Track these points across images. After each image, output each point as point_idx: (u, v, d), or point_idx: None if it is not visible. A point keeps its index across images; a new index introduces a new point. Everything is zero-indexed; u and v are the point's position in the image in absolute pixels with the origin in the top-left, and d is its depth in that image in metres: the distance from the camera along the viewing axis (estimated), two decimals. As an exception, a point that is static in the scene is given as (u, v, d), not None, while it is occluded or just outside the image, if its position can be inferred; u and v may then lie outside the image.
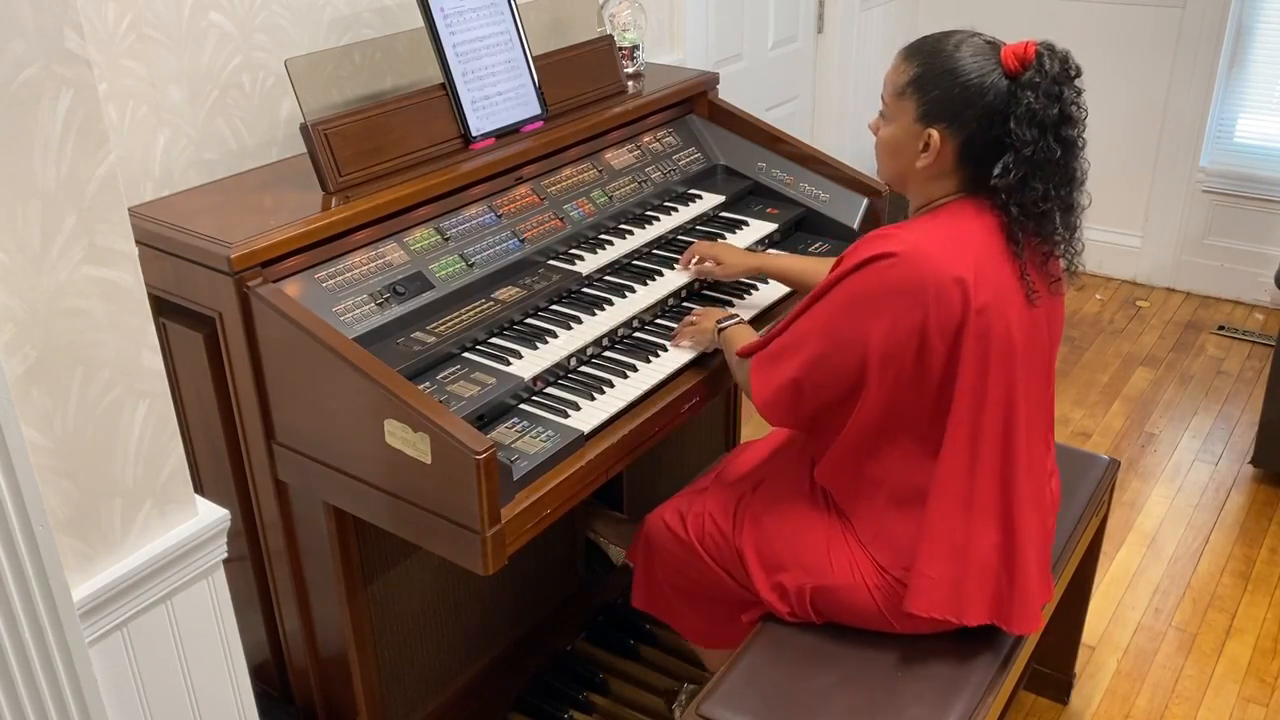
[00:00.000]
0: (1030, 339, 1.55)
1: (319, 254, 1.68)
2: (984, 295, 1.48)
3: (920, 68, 1.53)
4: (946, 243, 1.50)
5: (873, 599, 1.62)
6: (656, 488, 2.48)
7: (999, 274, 1.51)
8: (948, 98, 1.50)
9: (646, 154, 2.27)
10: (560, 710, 2.18)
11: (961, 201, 1.56)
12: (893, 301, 1.47)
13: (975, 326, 1.47)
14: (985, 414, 1.53)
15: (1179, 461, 3.11)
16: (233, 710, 1.51)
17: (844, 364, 1.53)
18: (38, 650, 1.20)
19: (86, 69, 1.15)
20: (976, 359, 1.49)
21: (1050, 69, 1.46)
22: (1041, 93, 1.45)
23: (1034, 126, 1.46)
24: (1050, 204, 1.50)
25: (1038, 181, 1.48)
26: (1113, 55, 3.93)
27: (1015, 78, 1.47)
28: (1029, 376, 1.56)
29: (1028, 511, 1.58)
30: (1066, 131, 1.48)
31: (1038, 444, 1.64)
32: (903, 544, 1.60)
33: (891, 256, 1.47)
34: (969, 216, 1.54)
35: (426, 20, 1.88)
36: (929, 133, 1.52)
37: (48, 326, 1.17)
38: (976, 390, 1.51)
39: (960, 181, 1.56)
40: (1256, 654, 2.43)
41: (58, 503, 1.22)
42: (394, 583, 1.87)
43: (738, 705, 1.58)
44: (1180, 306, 4.02)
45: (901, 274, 1.46)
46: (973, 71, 1.49)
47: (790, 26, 3.60)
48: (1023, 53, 1.48)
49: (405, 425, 1.45)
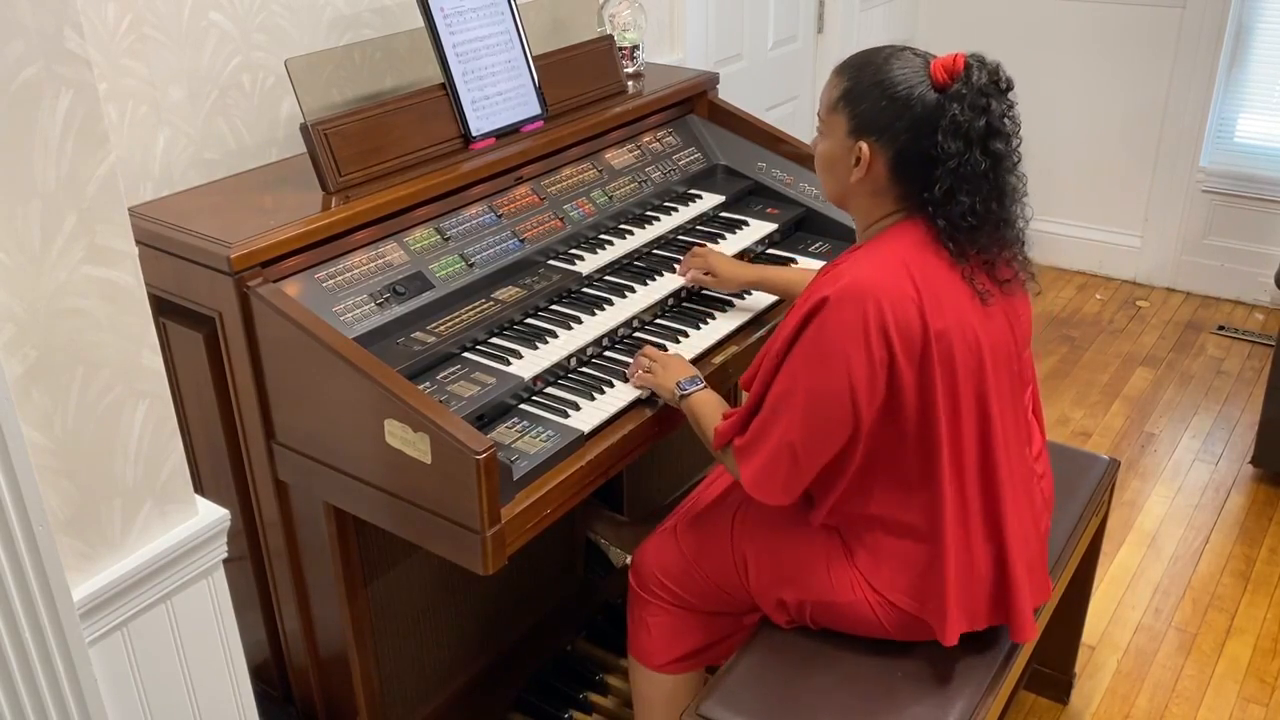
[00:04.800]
0: (994, 346, 1.52)
1: (319, 254, 1.68)
2: (940, 319, 1.45)
3: (850, 81, 1.52)
4: (890, 270, 1.46)
5: (874, 614, 1.61)
6: (656, 488, 2.48)
7: (948, 291, 1.48)
8: (875, 110, 1.48)
9: (646, 154, 2.27)
10: (560, 710, 2.18)
11: (901, 225, 1.53)
12: (853, 341, 1.43)
13: (938, 351, 1.45)
14: (963, 435, 1.51)
15: (1179, 461, 3.11)
16: (233, 710, 1.51)
17: (835, 417, 1.48)
18: (38, 650, 1.20)
19: (86, 69, 1.15)
20: (946, 384, 1.47)
21: (977, 81, 1.44)
22: (967, 105, 1.43)
23: (959, 139, 1.43)
24: (978, 219, 1.46)
25: (964, 195, 1.45)
26: (1113, 55, 3.93)
27: (943, 90, 1.45)
28: (1000, 388, 1.54)
29: (1014, 521, 1.56)
30: (995, 145, 1.45)
31: (1019, 449, 1.61)
32: (901, 571, 1.58)
33: (828, 302, 1.44)
34: (908, 237, 1.51)
35: (426, 20, 1.88)
36: (860, 145, 1.50)
37: (48, 326, 1.17)
38: (951, 413, 1.49)
39: (897, 198, 1.53)
40: (1256, 654, 2.43)
41: (58, 503, 1.22)
42: (394, 583, 1.87)
43: (737, 705, 1.58)
44: (1180, 306, 4.02)
45: (849, 314, 1.43)
46: (900, 84, 1.47)
47: (790, 26, 3.60)
48: (951, 65, 1.46)
49: (405, 425, 1.45)
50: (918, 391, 1.47)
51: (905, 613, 1.59)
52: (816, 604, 1.64)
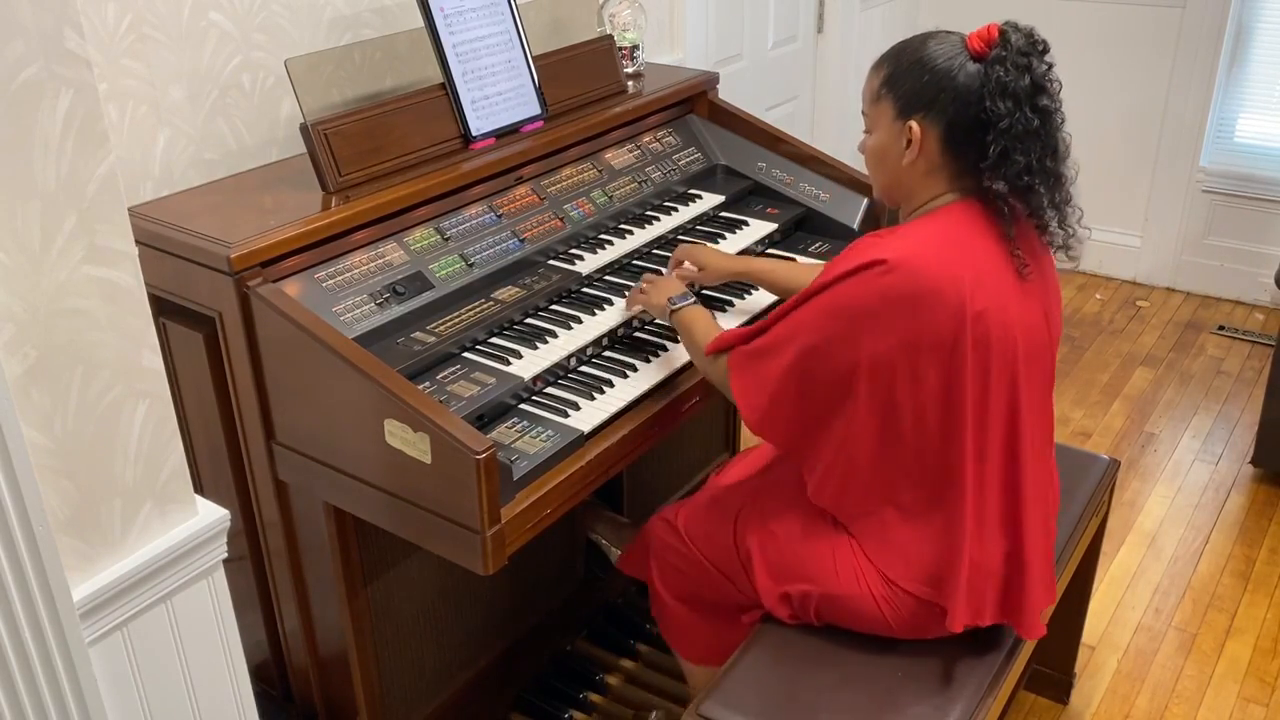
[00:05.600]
0: (1030, 339, 1.53)
1: (319, 254, 1.68)
2: (982, 299, 1.46)
3: (890, 67, 1.55)
4: (941, 247, 1.48)
5: (879, 608, 1.61)
6: (656, 488, 2.48)
7: (995, 275, 1.50)
8: (919, 87, 1.51)
9: (646, 154, 2.27)
10: (560, 710, 2.18)
11: (953, 205, 1.55)
12: (885, 312, 1.45)
13: (974, 332, 1.45)
14: (990, 421, 1.51)
15: (1179, 461, 3.11)
16: (233, 710, 1.51)
17: (835, 366, 1.49)
18: (38, 650, 1.20)
19: (86, 69, 1.15)
20: (978, 367, 1.47)
21: (1016, 43, 1.48)
22: (1010, 65, 1.46)
23: (1008, 98, 1.46)
24: (1034, 177, 1.49)
25: (1019, 154, 1.47)
26: (1113, 55, 3.93)
27: (983, 58, 1.49)
28: (1031, 380, 1.54)
29: (1033, 519, 1.56)
30: (1042, 101, 1.49)
31: (1043, 447, 1.62)
32: (910, 556, 1.58)
33: (882, 264, 1.45)
34: (961, 217, 1.53)
35: (426, 20, 1.88)
36: (909, 125, 1.52)
37: (48, 326, 1.17)
38: (980, 399, 1.49)
39: (951, 176, 1.54)
40: (1256, 654, 2.43)
41: (58, 503, 1.22)
42: (394, 583, 1.87)
43: (737, 705, 1.58)
44: (1180, 306, 4.02)
45: (893, 283, 1.44)
46: (941, 58, 1.50)
47: (790, 26, 3.60)
48: (987, 34, 1.50)
49: (405, 425, 1.45)
50: (943, 376, 1.48)
51: (912, 600, 1.59)
52: (821, 596, 1.64)
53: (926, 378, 1.47)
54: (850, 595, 1.62)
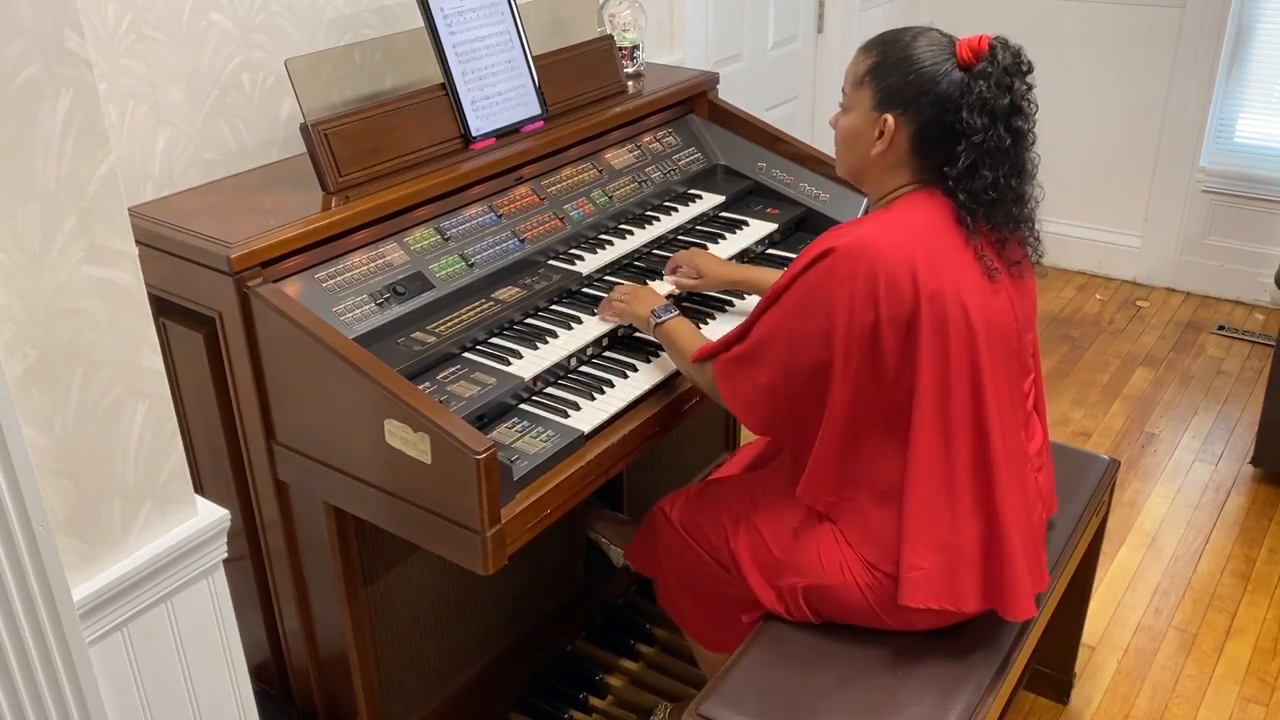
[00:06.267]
0: (993, 322, 1.55)
1: (319, 254, 1.68)
2: (936, 280, 1.49)
3: (878, 56, 1.58)
4: (896, 231, 1.52)
5: (864, 597, 1.62)
6: (656, 488, 2.48)
7: (952, 258, 1.52)
8: (903, 84, 1.54)
9: (646, 154, 2.27)
10: (560, 710, 2.18)
11: (915, 193, 1.58)
12: (841, 294, 1.49)
13: (929, 312, 1.49)
14: (952, 401, 1.53)
15: (1179, 461, 3.11)
16: (233, 710, 1.51)
17: (812, 356, 1.54)
18: (38, 650, 1.20)
19: (86, 69, 1.15)
20: (934, 346, 1.50)
21: (1003, 60, 1.50)
22: (993, 83, 1.49)
23: (984, 114, 1.49)
24: (998, 193, 1.52)
25: (987, 170, 1.51)
26: (1112, 55, 3.93)
27: (969, 68, 1.51)
28: (995, 360, 1.56)
29: (1010, 500, 1.57)
30: (1017, 122, 1.52)
31: (1015, 433, 1.63)
32: (888, 539, 1.60)
33: (833, 252, 1.50)
34: (921, 204, 1.56)
35: (426, 20, 1.88)
36: (884, 118, 1.55)
37: (48, 326, 1.17)
38: (939, 378, 1.52)
39: (914, 172, 1.58)
40: (1256, 654, 2.43)
41: (58, 503, 1.22)
42: (394, 583, 1.87)
43: (737, 705, 1.58)
44: (1180, 306, 4.02)
45: (845, 268, 1.49)
46: (928, 60, 1.53)
47: (790, 26, 3.60)
48: (977, 45, 1.52)
49: (405, 425, 1.45)
50: (900, 351, 1.51)
51: (891, 583, 1.60)
52: (809, 588, 1.66)
53: (887, 354, 1.51)
54: (836, 585, 1.63)
